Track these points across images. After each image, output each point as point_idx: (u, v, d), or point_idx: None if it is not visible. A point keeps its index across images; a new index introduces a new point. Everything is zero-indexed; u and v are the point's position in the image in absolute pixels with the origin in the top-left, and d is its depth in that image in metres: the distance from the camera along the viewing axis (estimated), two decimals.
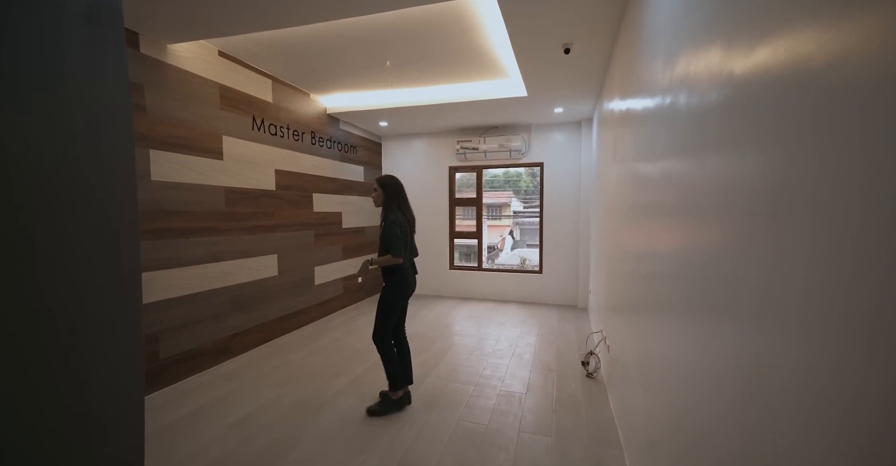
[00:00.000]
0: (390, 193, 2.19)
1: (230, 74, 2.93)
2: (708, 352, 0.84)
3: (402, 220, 2.14)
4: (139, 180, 2.30)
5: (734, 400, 0.70)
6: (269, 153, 3.34)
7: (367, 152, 5.08)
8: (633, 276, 1.74)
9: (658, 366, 1.29)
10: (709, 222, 0.85)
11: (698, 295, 0.91)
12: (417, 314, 4.33)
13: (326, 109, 4.15)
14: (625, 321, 1.96)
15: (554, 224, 4.79)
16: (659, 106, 1.35)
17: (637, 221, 1.70)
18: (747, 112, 0.67)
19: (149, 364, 2.38)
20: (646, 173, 1.56)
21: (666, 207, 1.22)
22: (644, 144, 1.60)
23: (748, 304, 0.65)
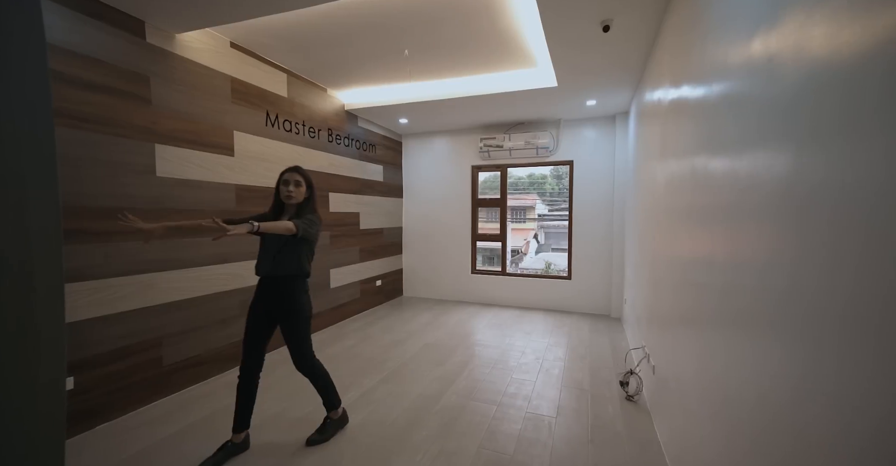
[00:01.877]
0: (313, 194, 1.85)
1: (243, 66, 2.81)
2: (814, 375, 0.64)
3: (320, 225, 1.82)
4: (143, 175, 2.18)
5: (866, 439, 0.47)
6: (283, 150, 3.20)
7: (387, 151, 4.90)
8: (694, 286, 1.43)
9: (738, 394, 0.99)
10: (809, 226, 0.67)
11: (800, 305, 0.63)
12: (436, 321, 4.08)
13: (344, 106, 4.00)
14: (679, 337, 1.64)
15: (584, 227, 4.44)
16: (730, 91, 1.12)
17: (698, 224, 1.39)
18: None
19: (152, 371, 2.25)
20: (708, 171, 1.28)
21: (744, 208, 0.97)
22: (705, 137, 1.32)
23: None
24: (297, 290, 1.81)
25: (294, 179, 1.79)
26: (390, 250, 5.02)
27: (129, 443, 1.90)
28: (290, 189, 1.78)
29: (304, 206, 1.83)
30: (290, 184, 1.78)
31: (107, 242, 2.02)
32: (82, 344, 1.94)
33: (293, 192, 1.78)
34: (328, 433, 1.93)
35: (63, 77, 1.85)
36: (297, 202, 1.81)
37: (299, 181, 1.80)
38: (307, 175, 1.84)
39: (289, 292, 1.79)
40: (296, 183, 1.79)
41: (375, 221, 4.65)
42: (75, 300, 1.90)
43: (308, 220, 1.73)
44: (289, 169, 1.82)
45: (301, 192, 1.81)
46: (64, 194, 1.86)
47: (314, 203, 1.86)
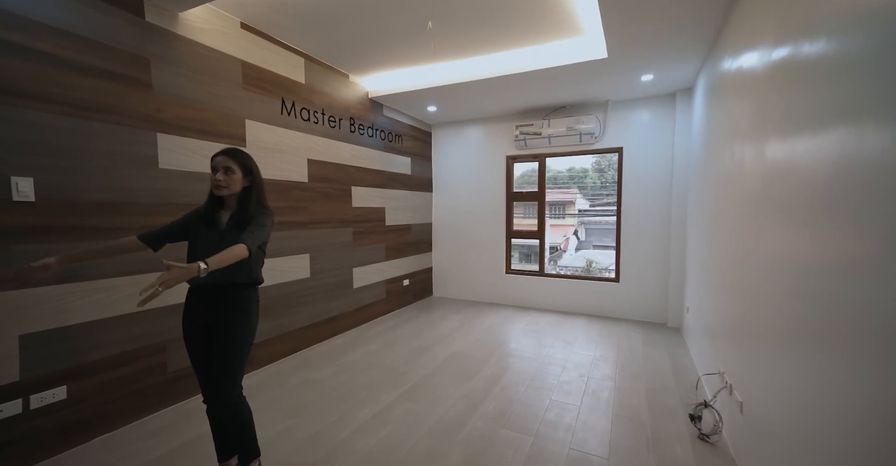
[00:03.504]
0: (255, 184, 1.50)
1: (256, 49, 2.60)
2: None
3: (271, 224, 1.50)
4: (144, 167, 2.01)
5: None
6: (300, 141, 2.98)
7: (416, 142, 4.61)
8: (817, 298, 0.98)
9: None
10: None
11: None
12: (466, 326, 3.74)
13: (368, 93, 3.74)
14: (786, 365, 1.19)
15: (635, 223, 3.89)
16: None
17: (833, 220, 0.94)
18: None
19: (156, 378, 2.10)
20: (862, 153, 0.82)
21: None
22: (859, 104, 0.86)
23: None
24: (246, 300, 1.47)
25: (224, 164, 1.42)
26: (419, 248, 4.74)
27: (131, 458, 1.74)
28: (219, 177, 1.42)
29: (245, 199, 1.47)
30: (217, 170, 1.43)
31: (106, 239, 1.87)
32: (77, 350, 1.80)
33: (222, 180, 1.42)
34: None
35: (57, 61, 1.69)
36: (231, 193, 1.46)
37: (230, 168, 1.43)
38: (244, 160, 1.48)
39: (236, 302, 1.45)
40: (225, 169, 1.42)
41: (402, 216, 4.37)
42: (69, 301, 1.76)
43: (257, 228, 1.41)
44: (219, 152, 1.45)
45: (235, 180, 1.44)
46: (61, 187, 1.71)
47: (260, 195, 1.50)
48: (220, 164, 1.44)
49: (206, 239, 1.44)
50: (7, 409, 1.60)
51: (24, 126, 1.61)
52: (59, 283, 1.73)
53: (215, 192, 1.46)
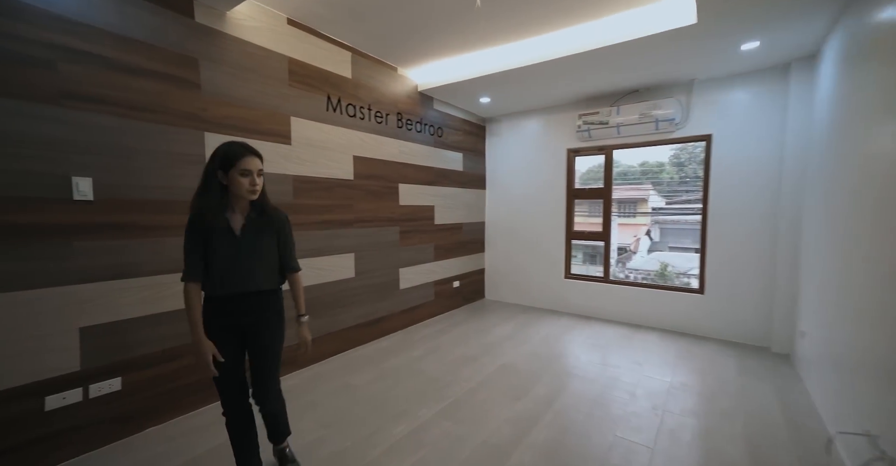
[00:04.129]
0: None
1: (302, 45, 2.56)
2: None
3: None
4: (193, 166, 2.04)
5: None
6: (346, 137, 2.91)
7: (468, 137, 4.37)
8: None
9: None
10: None
11: None
12: (519, 335, 3.44)
13: (417, 87, 3.58)
14: None
15: (726, 224, 3.26)
16: None
17: None
18: None
19: (200, 375, 2.13)
20: None
21: None
22: None
23: None
24: (280, 302, 1.53)
25: (258, 168, 1.38)
26: (470, 248, 4.51)
27: (179, 452, 1.76)
28: (256, 182, 1.37)
29: (263, 201, 1.44)
30: (253, 174, 1.36)
31: (155, 237, 1.92)
32: (130, 344, 1.87)
33: (259, 185, 1.38)
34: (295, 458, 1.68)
35: (112, 64, 1.75)
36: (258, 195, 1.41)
37: (262, 170, 1.40)
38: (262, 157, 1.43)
39: (275, 305, 1.50)
40: (259, 172, 1.38)
41: (453, 215, 4.17)
42: (121, 297, 1.82)
43: (292, 243, 1.54)
44: (248, 151, 1.36)
45: (262, 183, 1.41)
46: (115, 186, 1.78)
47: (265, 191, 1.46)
48: (254, 167, 1.36)
49: (227, 249, 1.38)
50: (70, 397, 1.70)
51: (83, 128, 1.68)
52: (112, 279, 1.80)
53: (249, 197, 1.38)
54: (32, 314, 1.58)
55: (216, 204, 1.35)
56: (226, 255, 1.37)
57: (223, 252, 1.37)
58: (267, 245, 1.44)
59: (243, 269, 1.39)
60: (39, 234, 1.59)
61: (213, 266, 1.37)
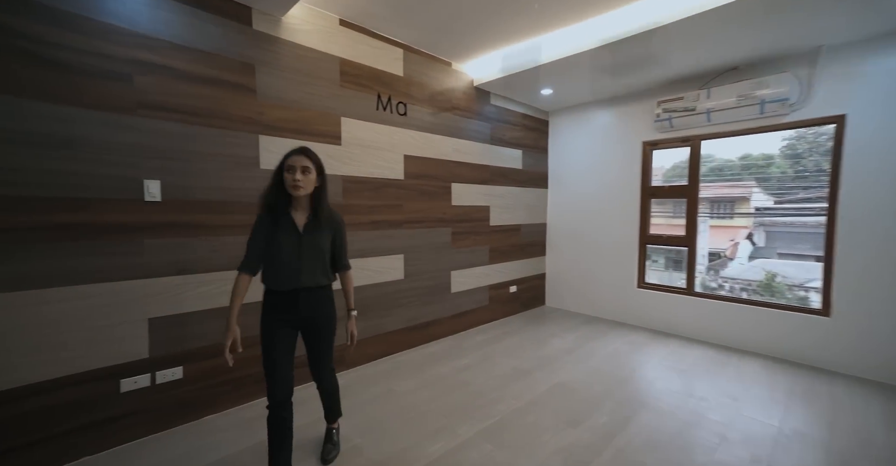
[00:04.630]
0: (325, 183, 1.54)
1: (353, 45, 2.56)
2: None
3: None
4: (248, 168, 2.13)
5: None
6: (397, 136, 2.86)
7: (529, 132, 4.09)
8: None
9: None
10: None
11: None
12: (581, 349, 3.09)
13: (473, 81, 3.42)
14: None
15: (865, 227, 2.56)
16: None
17: None
18: None
19: (255, 369, 2.22)
20: None
21: None
22: None
23: None
24: (332, 296, 1.64)
25: (301, 164, 1.45)
26: (530, 251, 4.22)
27: (234, 441, 1.84)
28: (298, 177, 1.44)
29: (318, 199, 1.52)
30: (296, 170, 1.44)
31: (213, 235, 2.03)
32: (190, 336, 1.99)
33: (301, 181, 1.44)
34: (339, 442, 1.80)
35: (176, 72, 1.89)
36: (306, 193, 1.48)
37: (308, 168, 1.46)
38: (317, 159, 1.51)
39: (328, 299, 1.62)
40: (303, 169, 1.45)
41: (511, 216, 3.93)
42: (183, 291, 1.95)
43: (345, 244, 1.66)
44: (295, 151, 1.48)
45: (311, 180, 1.48)
46: (179, 187, 1.91)
47: (326, 192, 1.55)
48: (297, 163, 1.44)
49: (286, 243, 1.47)
50: (140, 381, 1.85)
51: (153, 134, 1.83)
52: (177, 274, 1.93)
53: (293, 192, 1.45)
54: (109, 305, 1.75)
55: (281, 201, 1.47)
56: (289, 250, 1.47)
57: (287, 247, 1.47)
58: (324, 243, 1.54)
59: (304, 264, 1.49)
60: (115, 232, 1.75)
61: (276, 260, 1.47)
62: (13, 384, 1.55)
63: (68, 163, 1.62)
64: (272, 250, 1.47)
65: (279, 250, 1.46)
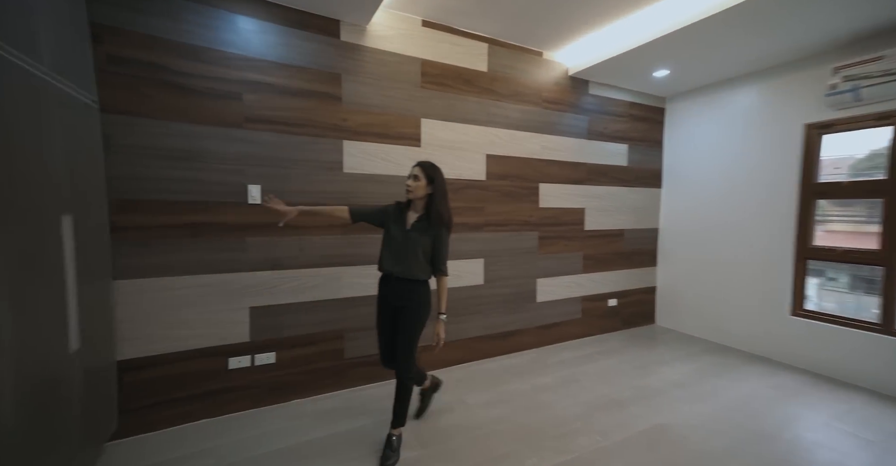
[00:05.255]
0: (437, 191, 1.76)
1: (435, 45, 2.52)
2: None
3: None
4: (331, 172, 2.26)
5: None
6: (479, 135, 2.74)
7: (637, 123, 3.53)
8: None
9: None
10: None
11: None
12: (697, 385, 2.50)
13: (568, 71, 3.09)
14: None
15: None
16: None
17: None
18: None
19: (333, 361, 2.35)
20: None
21: None
22: None
23: None
24: (423, 293, 1.80)
25: (413, 173, 1.76)
26: (635, 260, 3.64)
27: (311, 428, 1.98)
28: (409, 183, 1.76)
29: (428, 204, 1.78)
30: (409, 177, 1.77)
31: (302, 235, 2.21)
32: (281, 326, 2.20)
33: (410, 186, 1.76)
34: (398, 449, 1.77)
35: (276, 88, 2.10)
36: (417, 197, 1.77)
37: (417, 176, 1.75)
38: (429, 171, 1.76)
39: (417, 294, 1.78)
40: (414, 177, 1.75)
41: (611, 219, 3.45)
42: (276, 285, 2.16)
43: (445, 250, 1.79)
44: (416, 164, 1.78)
45: (420, 186, 1.75)
46: (275, 191, 2.12)
47: (440, 200, 1.76)
48: (412, 172, 1.77)
49: (395, 235, 1.78)
50: (243, 362, 2.11)
51: (255, 144, 2.06)
52: (271, 269, 2.15)
53: (406, 194, 1.79)
54: (220, 293, 2.03)
55: (404, 201, 1.84)
56: (393, 240, 1.78)
57: (393, 237, 1.78)
58: (424, 243, 1.75)
59: (402, 256, 1.75)
60: (226, 231, 2.03)
61: (384, 246, 1.81)
62: (151, 353, 1.91)
63: (191, 172, 1.92)
64: (385, 237, 1.82)
65: (387, 238, 1.80)
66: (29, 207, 1.17)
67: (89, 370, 1.54)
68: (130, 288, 1.84)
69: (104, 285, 1.72)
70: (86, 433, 1.51)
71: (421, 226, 1.76)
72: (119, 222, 1.80)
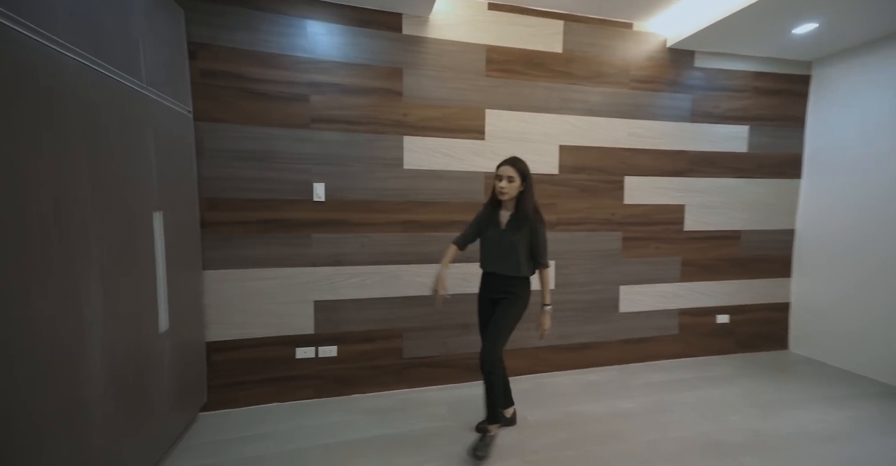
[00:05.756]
0: (529, 187, 1.72)
1: (502, 29, 2.33)
2: None
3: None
4: (392, 169, 2.24)
5: None
6: (551, 124, 2.46)
7: (765, 99, 2.84)
8: None
9: None
10: None
11: None
12: (854, 442, 1.87)
13: (666, 42, 2.60)
14: None
15: None
16: None
17: None
18: None
19: (392, 360, 2.34)
20: None
21: None
22: None
23: None
24: (521, 287, 1.79)
25: (507, 174, 1.70)
26: (757, 269, 2.95)
27: (371, 426, 1.98)
28: (503, 185, 1.71)
29: (520, 201, 1.73)
30: (502, 179, 1.71)
31: (361, 232, 2.23)
32: (342, 321, 2.25)
33: (505, 188, 1.70)
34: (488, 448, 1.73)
35: (340, 87, 2.14)
36: (510, 198, 1.73)
37: (512, 177, 1.70)
38: (521, 167, 1.71)
39: (514, 288, 1.78)
40: (508, 178, 1.70)
41: (722, 218, 2.83)
42: (337, 281, 2.22)
43: (543, 244, 1.75)
44: (503, 162, 1.73)
45: (515, 187, 1.71)
46: (338, 189, 2.18)
47: (531, 197, 1.74)
48: (504, 173, 1.71)
49: (492, 236, 1.79)
50: (308, 352, 2.22)
51: (320, 143, 2.14)
52: (334, 265, 2.21)
53: (499, 197, 1.74)
54: (289, 285, 2.16)
55: (494, 201, 1.80)
56: (491, 241, 1.79)
57: (489, 239, 1.79)
58: (519, 241, 1.73)
59: (500, 255, 1.77)
60: (294, 227, 2.14)
61: (483, 248, 1.83)
62: (233, 337, 2.11)
63: (263, 172, 2.07)
64: (482, 240, 1.83)
65: (485, 241, 1.82)
66: (121, 204, 1.33)
67: (181, 348, 1.74)
68: (216, 278, 2.05)
69: (195, 274, 1.94)
70: (177, 402, 1.71)
71: (515, 224, 1.74)
72: (208, 219, 2.02)
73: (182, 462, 1.70)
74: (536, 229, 1.74)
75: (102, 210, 1.22)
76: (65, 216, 1.07)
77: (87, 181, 1.16)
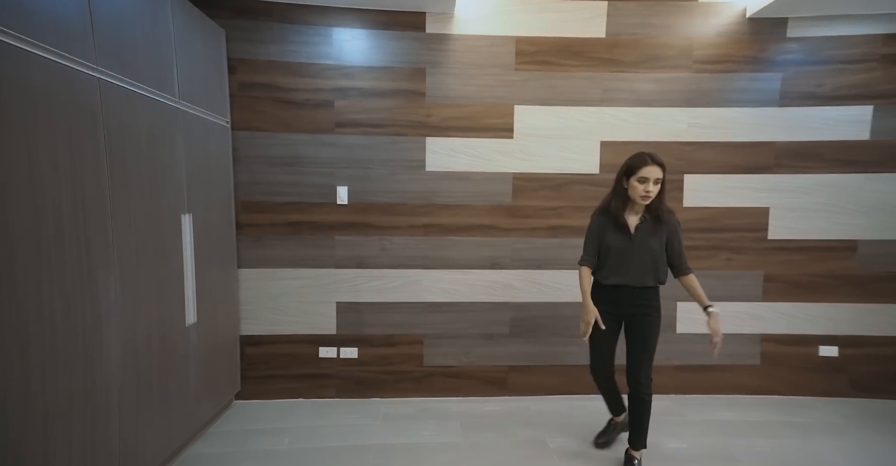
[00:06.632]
0: (664, 186, 1.51)
1: (534, 17, 2.14)
2: None
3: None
4: (414, 171, 2.18)
5: None
6: (589, 118, 2.19)
7: (891, 68, 2.21)
8: None
9: None
10: None
11: None
12: None
13: (745, 11, 2.16)
14: None
15: None
16: None
17: None
18: None
19: (413, 366, 2.28)
20: None
21: None
22: None
23: None
24: (658, 297, 1.63)
25: (656, 176, 1.47)
26: (880, 291, 2.30)
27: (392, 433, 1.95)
28: (650, 189, 1.48)
29: (659, 206, 1.53)
30: (649, 182, 1.47)
31: (383, 235, 2.21)
32: (362, 323, 2.25)
33: (652, 192, 1.48)
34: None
35: (363, 91, 2.15)
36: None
37: (660, 179, 1.48)
38: (665, 165, 1.49)
39: (653, 300, 1.62)
40: (656, 181, 1.47)
41: (823, 224, 2.27)
42: (359, 284, 2.23)
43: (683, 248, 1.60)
44: (647, 160, 1.47)
45: (658, 190, 1.50)
46: (359, 192, 2.20)
47: (664, 198, 1.54)
48: (652, 175, 1.48)
49: (617, 244, 1.57)
50: (330, 352, 2.27)
51: (344, 147, 2.17)
52: (356, 267, 2.23)
53: (641, 201, 1.52)
54: (313, 286, 2.23)
55: (617, 205, 1.56)
56: (619, 250, 1.57)
57: (617, 248, 1.57)
58: (656, 246, 1.55)
59: (633, 264, 1.56)
60: (319, 230, 2.20)
61: (606, 259, 1.61)
62: (263, 332, 2.24)
63: (292, 176, 2.16)
64: (603, 249, 1.61)
65: (608, 250, 1.59)
66: (147, 207, 1.48)
67: (210, 340, 1.89)
68: (249, 276, 2.20)
69: (231, 272, 2.10)
70: (205, 389, 1.86)
71: (650, 227, 1.55)
72: (242, 220, 2.17)
73: (206, 446, 1.83)
74: (676, 230, 1.57)
75: (125, 211, 1.36)
76: (84, 216, 1.19)
77: (109, 184, 1.29)
